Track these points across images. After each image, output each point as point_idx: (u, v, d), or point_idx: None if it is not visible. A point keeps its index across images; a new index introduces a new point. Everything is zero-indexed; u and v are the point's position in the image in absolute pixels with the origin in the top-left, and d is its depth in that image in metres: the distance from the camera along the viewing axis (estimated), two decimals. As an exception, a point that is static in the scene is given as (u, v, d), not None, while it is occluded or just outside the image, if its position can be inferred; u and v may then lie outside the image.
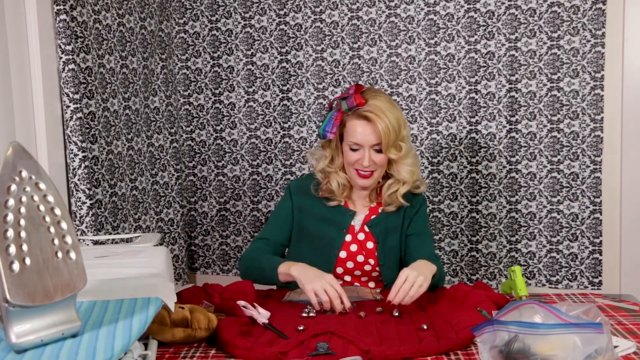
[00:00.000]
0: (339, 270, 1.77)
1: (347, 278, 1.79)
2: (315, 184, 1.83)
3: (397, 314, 1.44)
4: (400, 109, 1.75)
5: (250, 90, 2.60)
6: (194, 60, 2.62)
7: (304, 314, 1.46)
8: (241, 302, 1.44)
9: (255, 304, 1.46)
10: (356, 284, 1.79)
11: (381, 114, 1.67)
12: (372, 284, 1.80)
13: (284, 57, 2.55)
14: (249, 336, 1.30)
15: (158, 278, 1.33)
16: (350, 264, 1.77)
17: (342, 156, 1.78)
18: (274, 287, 1.81)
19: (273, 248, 1.81)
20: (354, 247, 1.77)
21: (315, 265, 1.63)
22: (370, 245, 1.78)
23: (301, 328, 1.33)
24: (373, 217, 1.81)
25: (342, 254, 1.77)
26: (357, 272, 1.78)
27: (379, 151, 1.71)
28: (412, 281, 1.46)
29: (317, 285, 1.51)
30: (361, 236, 1.79)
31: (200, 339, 1.32)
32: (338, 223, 1.79)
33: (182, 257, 2.56)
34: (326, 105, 2.52)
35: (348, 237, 1.78)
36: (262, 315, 1.42)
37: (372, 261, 1.77)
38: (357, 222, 1.81)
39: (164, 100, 2.48)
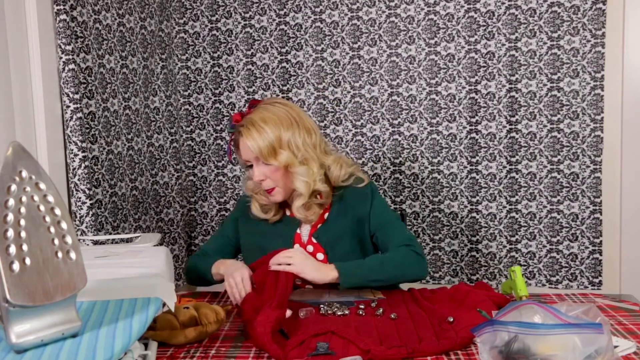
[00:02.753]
0: (298, 281, 1.61)
1: (310, 287, 1.69)
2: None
3: (393, 316, 1.45)
4: (284, 114, 1.65)
5: (250, 90, 2.60)
6: (194, 60, 2.62)
7: (302, 314, 1.46)
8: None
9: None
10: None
11: (250, 125, 1.62)
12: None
13: (284, 57, 2.55)
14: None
15: (158, 278, 1.33)
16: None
17: None
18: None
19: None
20: None
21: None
22: (320, 256, 1.71)
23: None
24: (319, 225, 1.74)
25: None
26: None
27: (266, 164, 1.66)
28: (284, 257, 1.53)
29: (228, 277, 1.57)
30: (310, 248, 1.73)
31: (212, 333, 1.33)
32: (284, 235, 1.74)
33: (182, 257, 2.56)
34: None
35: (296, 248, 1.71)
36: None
37: None
38: (304, 233, 1.75)
39: (164, 100, 2.48)
